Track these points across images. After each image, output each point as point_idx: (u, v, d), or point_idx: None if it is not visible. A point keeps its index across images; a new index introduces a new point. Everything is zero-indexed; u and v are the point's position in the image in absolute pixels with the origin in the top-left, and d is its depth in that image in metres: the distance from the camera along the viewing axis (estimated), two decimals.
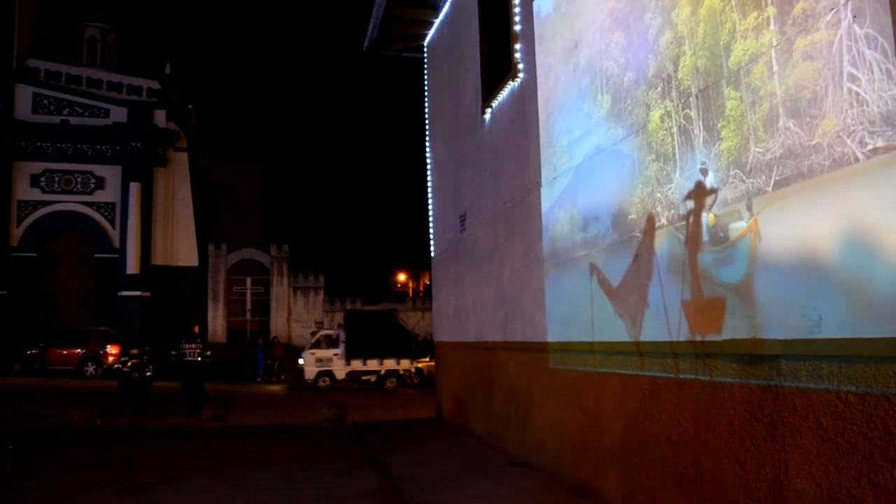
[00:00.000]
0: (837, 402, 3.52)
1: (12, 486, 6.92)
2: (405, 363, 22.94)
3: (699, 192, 4.71)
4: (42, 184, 30.55)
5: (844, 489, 3.47)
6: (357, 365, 22.77)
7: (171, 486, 6.99)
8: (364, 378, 22.84)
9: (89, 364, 23.63)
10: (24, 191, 30.29)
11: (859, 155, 3.39)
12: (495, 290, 9.13)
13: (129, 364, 13.21)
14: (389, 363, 22.75)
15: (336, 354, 22.82)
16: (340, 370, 22.72)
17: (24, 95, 30.61)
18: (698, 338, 4.66)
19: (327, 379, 22.49)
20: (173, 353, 13.19)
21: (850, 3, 3.47)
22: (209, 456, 8.75)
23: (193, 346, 13.41)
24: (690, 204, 4.81)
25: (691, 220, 4.79)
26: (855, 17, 3.44)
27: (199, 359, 13.36)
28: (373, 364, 22.69)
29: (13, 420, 12.27)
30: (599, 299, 6.11)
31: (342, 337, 22.96)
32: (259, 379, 25.89)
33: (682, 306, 4.85)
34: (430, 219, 12.78)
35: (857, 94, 3.42)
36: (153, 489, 6.83)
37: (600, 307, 6.09)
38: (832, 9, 3.58)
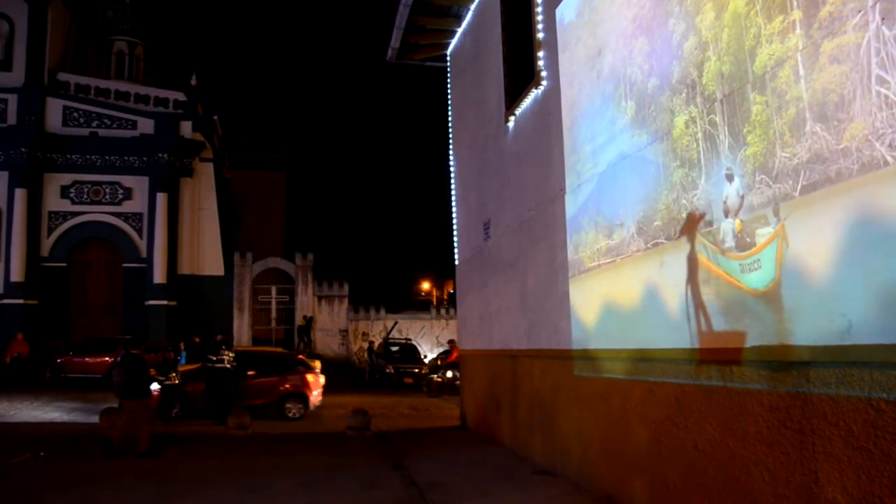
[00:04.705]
0: (869, 409, 3.47)
1: (39, 495, 7.03)
2: None
3: (725, 199, 4.68)
4: (71, 195, 31.02)
5: (877, 498, 3.41)
6: None
7: (199, 493, 7.05)
8: None
9: None
10: (55, 202, 30.78)
11: (888, 158, 3.35)
12: (520, 297, 9.11)
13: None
14: None
15: None
16: None
17: (54, 108, 31.15)
18: (725, 344, 4.61)
19: None
20: (212, 357, 13.42)
21: (878, 5, 3.44)
22: (235, 463, 8.81)
23: (231, 353, 13.80)
24: (716, 210, 4.77)
25: (717, 225, 4.75)
26: (884, 18, 3.40)
27: (231, 366, 13.59)
28: None
29: (43, 426, 12.49)
30: (625, 306, 6.08)
31: None
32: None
33: (709, 312, 4.81)
34: (454, 227, 12.79)
35: (886, 96, 3.38)
36: (182, 497, 6.90)
37: (626, 314, 6.06)
38: (860, 11, 3.55)
